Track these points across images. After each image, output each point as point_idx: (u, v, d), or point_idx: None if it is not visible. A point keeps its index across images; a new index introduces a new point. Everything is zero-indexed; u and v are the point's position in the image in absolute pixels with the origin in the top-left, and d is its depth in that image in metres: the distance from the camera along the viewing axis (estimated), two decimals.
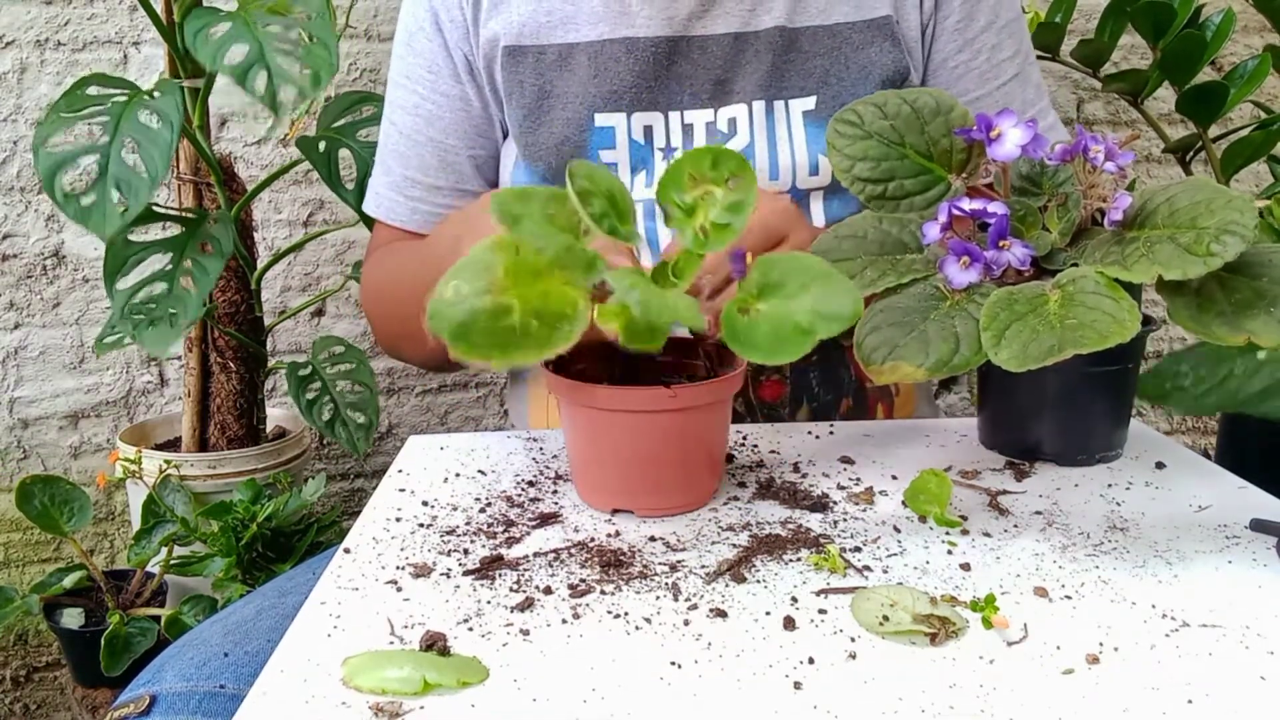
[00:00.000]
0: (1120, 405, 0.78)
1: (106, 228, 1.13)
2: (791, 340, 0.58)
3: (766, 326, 0.59)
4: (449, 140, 1.03)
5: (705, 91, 0.96)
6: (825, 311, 0.59)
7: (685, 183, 0.65)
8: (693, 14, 0.95)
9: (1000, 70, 0.99)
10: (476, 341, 0.55)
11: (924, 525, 0.68)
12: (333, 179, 1.37)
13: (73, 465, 1.73)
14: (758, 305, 0.60)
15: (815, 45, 0.95)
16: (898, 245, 0.73)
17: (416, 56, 1.03)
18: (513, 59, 0.97)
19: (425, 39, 1.02)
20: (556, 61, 0.96)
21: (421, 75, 1.02)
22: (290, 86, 1.15)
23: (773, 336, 0.59)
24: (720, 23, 0.95)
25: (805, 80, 0.95)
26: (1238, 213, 0.62)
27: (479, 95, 1.01)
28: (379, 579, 0.62)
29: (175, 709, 0.66)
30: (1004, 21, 0.99)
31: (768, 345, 0.59)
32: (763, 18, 0.95)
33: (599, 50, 0.95)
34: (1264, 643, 0.54)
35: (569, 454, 0.73)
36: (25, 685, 1.77)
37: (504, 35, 0.97)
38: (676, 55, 0.95)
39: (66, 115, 1.21)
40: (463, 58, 1.00)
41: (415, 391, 1.80)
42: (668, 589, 0.60)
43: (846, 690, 0.50)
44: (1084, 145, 0.69)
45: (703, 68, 0.95)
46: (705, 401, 0.68)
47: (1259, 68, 1.49)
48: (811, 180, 0.95)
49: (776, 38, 0.95)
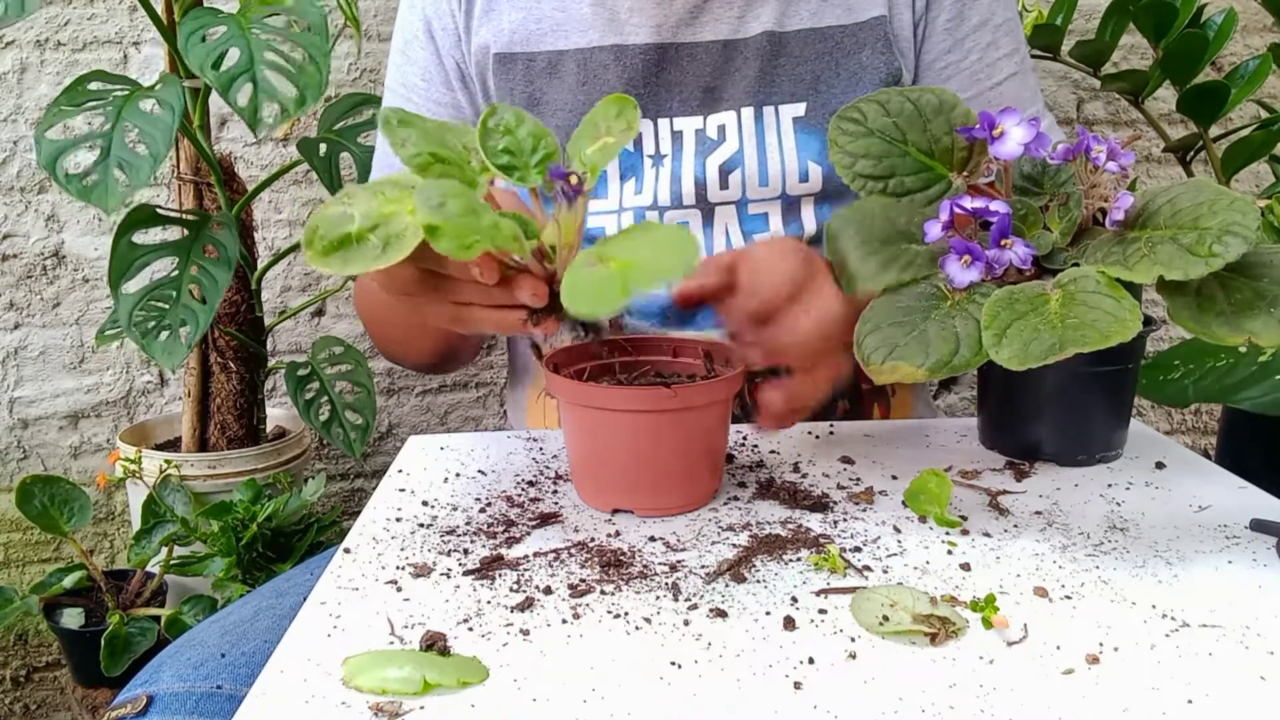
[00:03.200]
0: (1120, 405, 0.78)
1: (109, 202, 1.13)
2: (606, 293, 0.56)
3: (593, 278, 0.58)
4: None
5: (695, 99, 0.96)
6: (648, 268, 0.57)
7: (590, 135, 0.68)
8: (681, 21, 0.95)
9: (994, 70, 0.98)
10: (316, 245, 0.60)
11: (924, 525, 0.68)
12: (334, 183, 1.37)
13: (73, 465, 1.73)
14: (608, 263, 0.59)
15: (805, 50, 0.95)
16: (904, 235, 0.73)
17: (411, 64, 1.03)
18: (503, 66, 0.97)
19: (419, 47, 1.02)
20: (546, 69, 0.96)
21: (416, 83, 1.03)
22: (273, 103, 1.15)
23: (593, 286, 0.57)
24: (709, 29, 0.95)
25: (795, 86, 0.95)
26: (1240, 214, 0.62)
27: (471, 102, 1.02)
28: (379, 579, 0.61)
29: (172, 709, 0.66)
30: (999, 20, 0.98)
31: (586, 294, 0.57)
32: (751, 24, 0.95)
33: (588, 57, 0.95)
34: (1264, 643, 0.53)
35: (569, 454, 0.73)
36: (25, 685, 1.77)
37: (494, 43, 0.97)
38: (665, 62, 0.95)
39: (68, 109, 1.21)
40: (454, 65, 1.01)
41: (415, 391, 1.80)
42: (668, 589, 0.59)
43: (846, 690, 0.49)
44: (1086, 145, 0.69)
45: (692, 75, 0.95)
46: (704, 401, 0.68)
47: (1260, 67, 1.49)
48: (801, 186, 0.95)
49: (765, 44, 0.94)
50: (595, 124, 0.68)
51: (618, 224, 0.96)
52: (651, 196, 0.96)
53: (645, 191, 0.96)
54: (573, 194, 0.64)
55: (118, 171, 1.15)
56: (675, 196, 0.95)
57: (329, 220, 0.61)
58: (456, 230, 0.57)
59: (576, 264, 0.61)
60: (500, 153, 0.66)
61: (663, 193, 0.95)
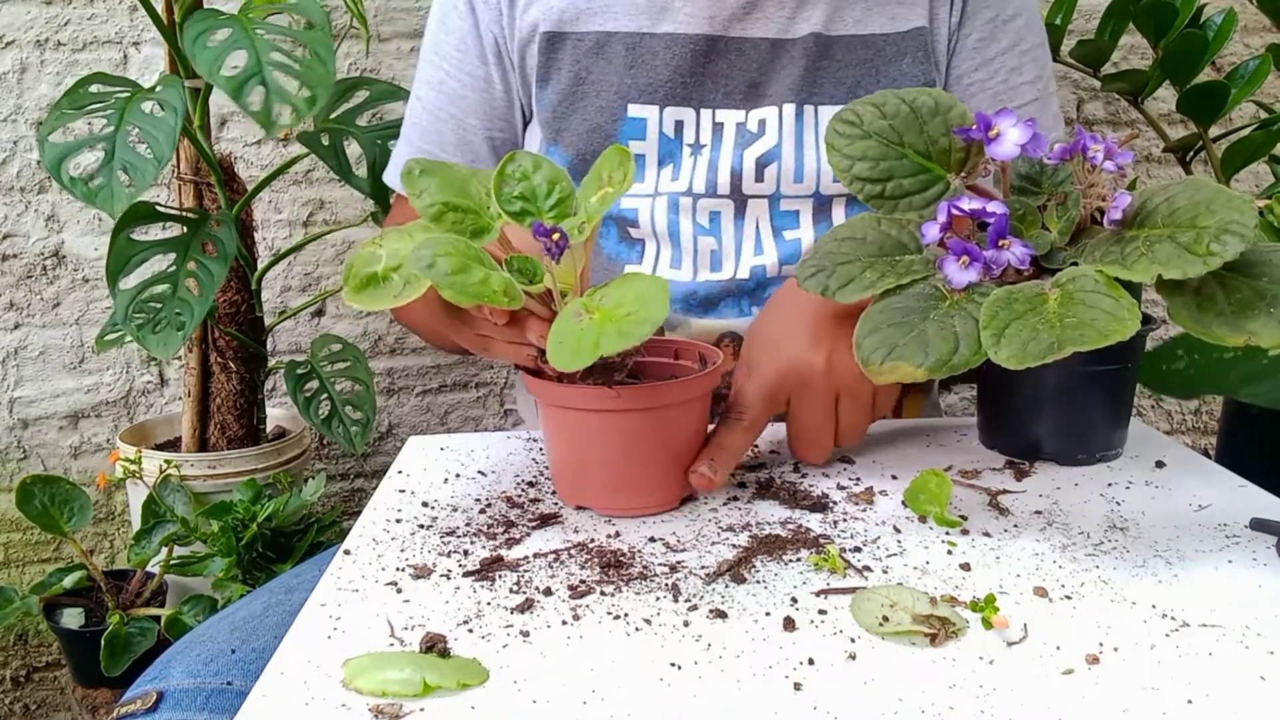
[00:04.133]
0: (1120, 404, 0.78)
1: (115, 205, 1.13)
2: (580, 351, 0.61)
3: (573, 334, 0.63)
4: (469, 120, 1.04)
5: (739, 92, 0.97)
6: (618, 329, 0.61)
7: (596, 183, 0.71)
8: (734, 15, 0.96)
9: (1017, 94, 1.00)
10: (350, 283, 0.67)
11: (924, 525, 0.68)
12: (343, 168, 1.37)
13: (73, 465, 1.73)
14: (593, 315, 0.64)
15: (849, 55, 0.96)
16: (897, 246, 0.73)
17: (448, 34, 1.04)
18: (550, 44, 0.98)
19: (458, 18, 1.03)
20: (593, 49, 0.97)
21: (450, 53, 1.04)
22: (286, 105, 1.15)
23: (571, 342, 0.62)
24: (759, 26, 0.96)
25: (836, 89, 0.96)
26: (1238, 212, 0.62)
27: (503, 79, 1.03)
28: (379, 580, 0.62)
29: (182, 705, 0.66)
30: (1027, 46, 1.00)
31: (564, 351, 0.62)
32: (800, 25, 0.96)
33: (638, 42, 0.97)
34: (1264, 643, 0.53)
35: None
36: (25, 685, 1.77)
37: (543, 21, 0.98)
38: (714, 54, 0.96)
39: (70, 112, 1.21)
40: (493, 40, 1.02)
41: (415, 391, 1.80)
42: (668, 590, 0.60)
43: (846, 691, 0.49)
44: (1083, 144, 0.69)
45: (739, 69, 0.96)
46: (649, 405, 0.68)
47: (1260, 68, 1.49)
48: (835, 186, 0.96)
49: (812, 44, 0.96)
50: (600, 174, 0.71)
51: (650, 209, 0.97)
52: (687, 184, 0.97)
53: (682, 178, 0.97)
54: (556, 251, 0.66)
55: (122, 174, 1.15)
56: (710, 185, 0.96)
57: (361, 260, 0.68)
58: (446, 286, 0.63)
59: (565, 314, 0.65)
60: (514, 199, 0.70)
61: (698, 181, 0.96)
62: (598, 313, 0.64)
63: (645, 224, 0.98)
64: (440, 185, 0.69)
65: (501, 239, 0.70)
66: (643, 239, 0.99)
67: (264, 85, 1.14)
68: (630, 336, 0.61)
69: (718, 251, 0.97)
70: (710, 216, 0.97)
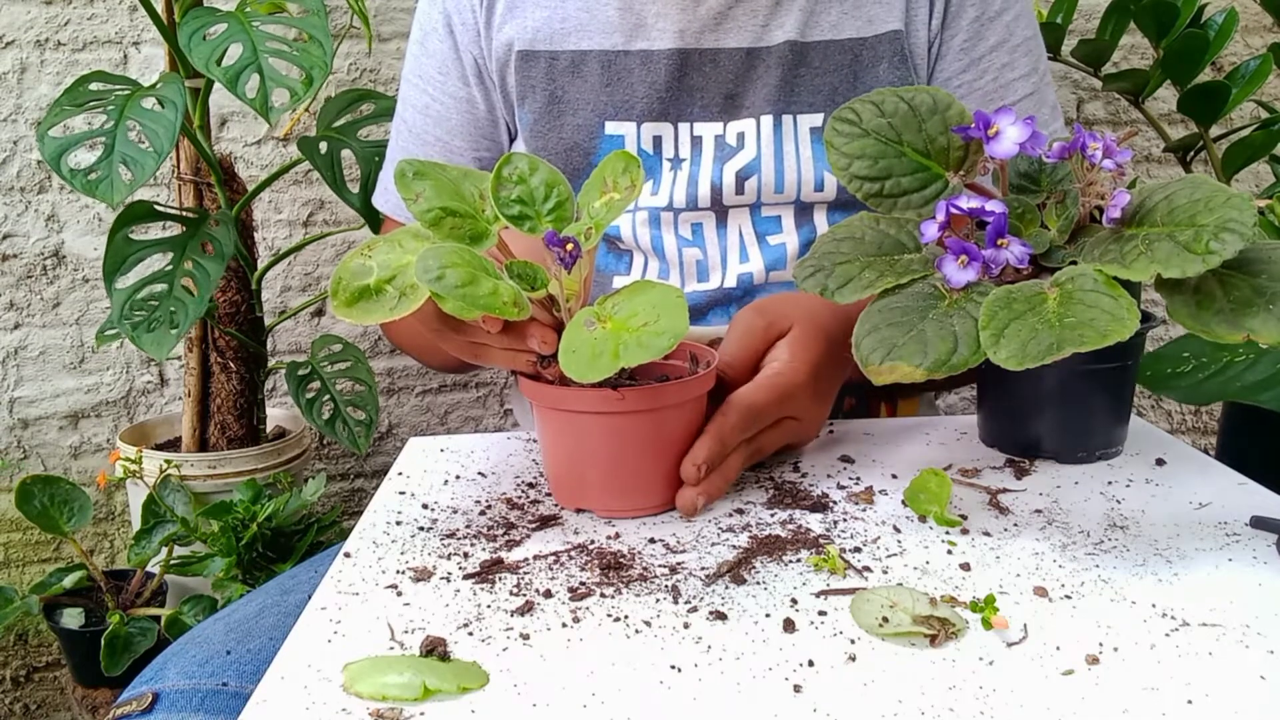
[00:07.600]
0: (1120, 402, 0.78)
1: (115, 197, 1.14)
2: (600, 363, 0.60)
3: (589, 344, 0.62)
4: (455, 141, 1.04)
5: (716, 104, 0.96)
6: (640, 341, 0.61)
7: (598, 188, 0.70)
8: (706, 26, 0.95)
9: (1009, 90, 0.99)
10: (340, 296, 0.64)
11: (924, 525, 0.68)
12: (336, 181, 1.37)
13: (73, 465, 1.74)
14: (605, 324, 0.63)
15: (826, 61, 0.95)
16: (895, 245, 0.73)
17: (429, 57, 1.03)
18: (525, 63, 0.98)
19: (438, 40, 1.02)
20: (569, 68, 0.97)
21: (432, 75, 1.03)
22: (282, 89, 1.15)
23: (589, 353, 0.61)
24: (733, 36, 0.95)
25: (814, 97, 0.95)
26: (1236, 210, 0.62)
27: (485, 98, 1.02)
28: (379, 583, 0.61)
29: (178, 706, 0.66)
30: (1018, 40, 0.99)
31: (582, 362, 0.61)
32: (774, 32, 0.95)
33: (613, 60, 0.96)
34: (1264, 642, 0.53)
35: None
36: (25, 685, 1.77)
37: (518, 40, 0.98)
38: (689, 67, 0.96)
39: (70, 108, 1.21)
40: (472, 60, 1.01)
41: (415, 391, 1.80)
42: (667, 591, 0.59)
43: (846, 692, 0.49)
44: (1082, 142, 0.69)
45: (714, 80, 0.96)
46: (650, 406, 0.68)
47: (1261, 68, 1.49)
48: (816, 195, 0.96)
49: (787, 53, 0.95)
50: (603, 179, 0.70)
51: (632, 223, 0.97)
52: (668, 198, 0.96)
53: (661, 193, 0.97)
54: (569, 261, 0.65)
55: (122, 167, 1.15)
56: (691, 199, 0.96)
57: (350, 272, 0.65)
58: (455, 299, 0.61)
59: (576, 322, 0.64)
60: (512, 202, 0.69)
61: (679, 195, 0.96)
62: (610, 322, 0.63)
63: (629, 238, 0.98)
64: (436, 189, 0.68)
65: (499, 243, 0.70)
66: (630, 250, 0.99)
67: (259, 73, 1.15)
68: (651, 349, 0.60)
69: (703, 262, 0.97)
70: (692, 228, 0.97)
